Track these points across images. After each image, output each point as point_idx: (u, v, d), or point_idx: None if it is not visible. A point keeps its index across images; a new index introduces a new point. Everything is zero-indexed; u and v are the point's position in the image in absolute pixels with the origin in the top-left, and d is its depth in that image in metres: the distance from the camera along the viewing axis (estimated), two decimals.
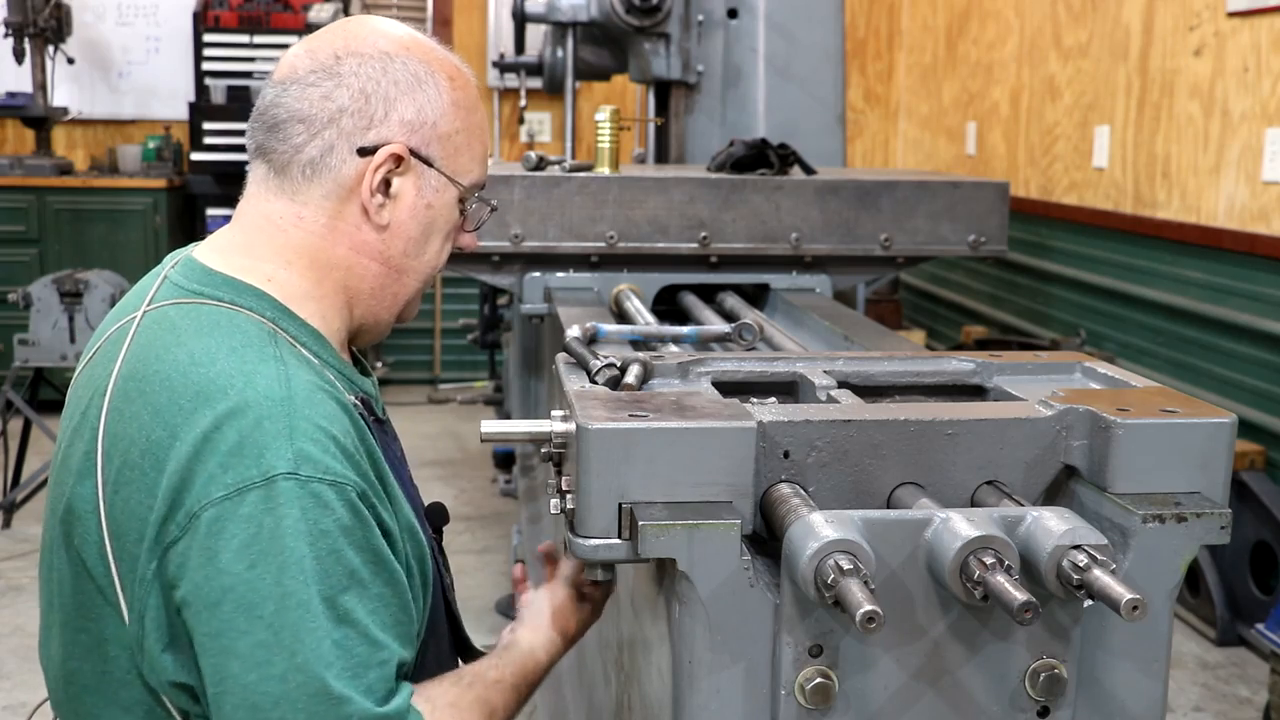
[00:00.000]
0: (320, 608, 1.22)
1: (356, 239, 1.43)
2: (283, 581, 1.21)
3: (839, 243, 2.90)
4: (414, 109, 1.42)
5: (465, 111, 1.46)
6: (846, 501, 1.39)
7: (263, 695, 1.21)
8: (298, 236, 1.42)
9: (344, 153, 1.40)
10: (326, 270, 1.43)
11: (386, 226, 1.44)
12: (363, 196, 1.41)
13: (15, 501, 5.21)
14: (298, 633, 1.21)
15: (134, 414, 1.30)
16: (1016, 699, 1.33)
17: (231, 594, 1.21)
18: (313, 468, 1.25)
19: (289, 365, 1.32)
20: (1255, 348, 4.31)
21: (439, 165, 1.45)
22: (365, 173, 1.40)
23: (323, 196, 1.42)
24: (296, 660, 1.21)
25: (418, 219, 1.46)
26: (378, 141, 1.40)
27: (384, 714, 1.24)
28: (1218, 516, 1.34)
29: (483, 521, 5.31)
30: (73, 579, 1.35)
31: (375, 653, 1.25)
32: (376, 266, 1.45)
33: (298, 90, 1.40)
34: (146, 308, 1.39)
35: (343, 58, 1.41)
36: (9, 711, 3.63)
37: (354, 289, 1.46)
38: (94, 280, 5.24)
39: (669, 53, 3.88)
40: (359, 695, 1.23)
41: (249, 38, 6.89)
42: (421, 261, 1.49)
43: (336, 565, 1.24)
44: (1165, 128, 4.82)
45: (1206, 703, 3.77)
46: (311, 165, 1.41)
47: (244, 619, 1.21)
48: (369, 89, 1.40)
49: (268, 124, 1.42)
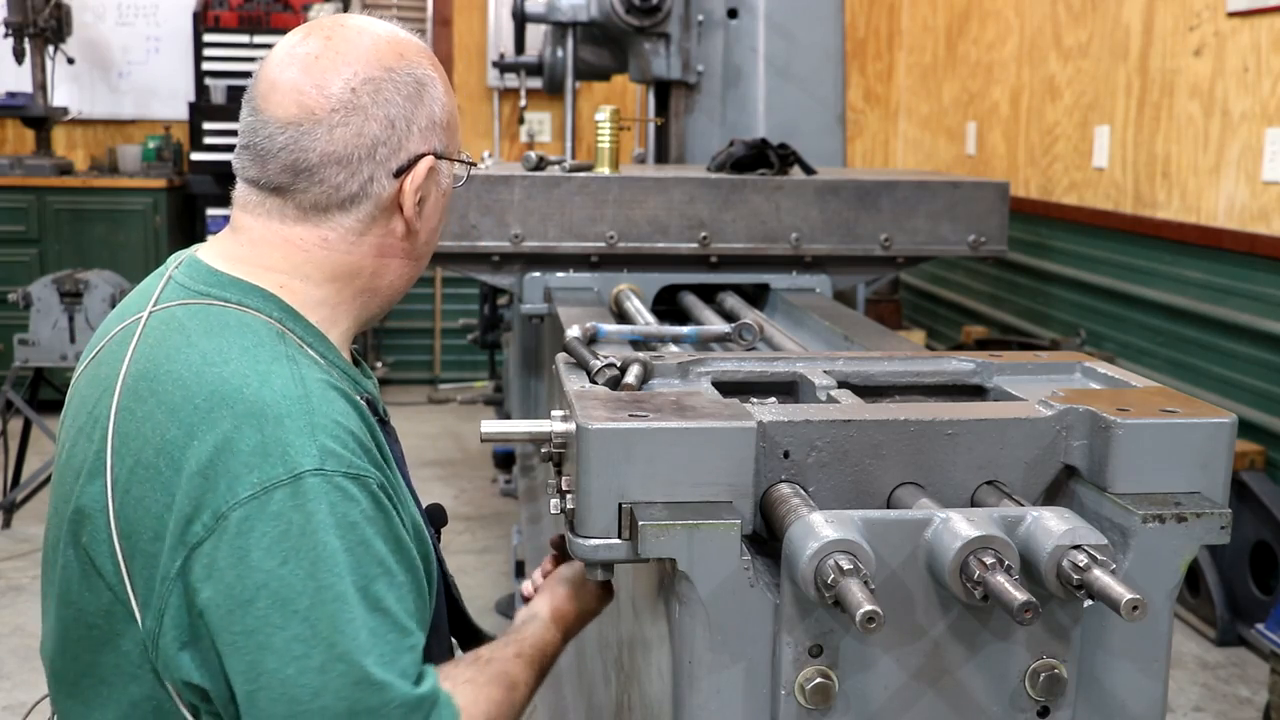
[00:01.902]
0: (355, 598, 1.24)
1: (384, 244, 1.46)
2: (316, 575, 1.23)
3: (839, 243, 2.90)
4: (426, 115, 1.44)
5: (447, 93, 1.49)
6: (846, 501, 1.39)
7: (301, 688, 1.22)
8: (320, 255, 1.43)
9: (382, 180, 1.42)
10: (348, 280, 1.45)
11: (419, 226, 1.47)
12: (407, 212, 1.44)
13: (15, 501, 5.21)
14: (335, 623, 1.23)
15: (146, 413, 1.31)
16: (1016, 699, 1.34)
17: (265, 590, 1.23)
18: (336, 462, 1.27)
19: (300, 364, 1.34)
20: (1255, 348, 4.31)
21: (449, 154, 1.49)
22: (403, 190, 1.43)
23: (356, 220, 1.43)
24: (336, 650, 1.22)
25: (438, 208, 1.51)
26: (408, 158, 1.42)
27: (421, 695, 1.26)
28: (1218, 516, 1.34)
29: (483, 521, 5.31)
30: (82, 577, 1.36)
31: (405, 638, 1.28)
32: (399, 261, 1.48)
33: (325, 133, 1.38)
34: (153, 308, 1.40)
35: (357, 88, 1.39)
36: (9, 711, 3.63)
37: (374, 287, 1.48)
38: (94, 280, 5.24)
39: (669, 53, 3.88)
40: (397, 679, 1.25)
41: (249, 38, 6.89)
42: (435, 240, 1.54)
43: (366, 555, 1.26)
44: (1165, 128, 4.82)
45: (1206, 703, 3.77)
46: (352, 199, 1.42)
47: (279, 615, 1.23)
48: (393, 114, 1.41)
49: (294, 168, 1.39)
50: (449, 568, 1.57)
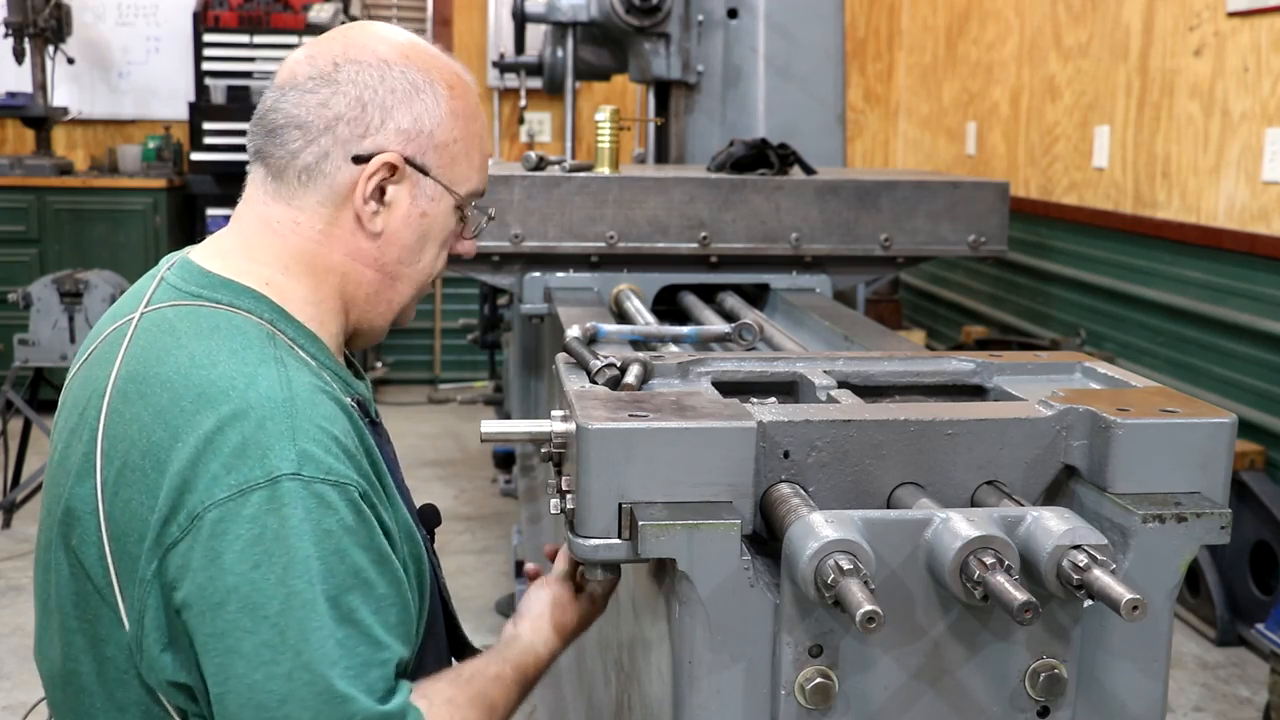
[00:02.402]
0: (325, 607, 1.23)
1: (352, 245, 1.44)
2: (287, 581, 1.22)
3: (839, 243, 2.90)
4: (410, 118, 1.42)
5: (464, 120, 1.47)
6: (846, 501, 1.39)
7: (268, 694, 1.21)
8: (295, 241, 1.43)
9: (339, 160, 1.41)
10: (323, 275, 1.45)
11: (380, 234, 1.45)
12: (356, 204, 1.42)
13: (15, 501, 5.21)
14: (303, 632, 1.22)
15: (134, 415, 1.31)
16: (1016, 699, 1.33)
17: (236, 594, 1.22)
18: (316, 468, 1.26)
19: (289, 367, 1.33)
20: (1255, 348, 4.31)
21: (435, 174, 1.45)
22: (359, 180, 1.41)
23: (318, 203, 1.43)
24: (302, 659, 1.22)
25: (412, 227, 1.46)
26: (373, 150, 1.41)
27: (385, 712, 1.25)
28: (1218, 516, 1.34)
29: (483, 521, 5.31)
30: (71, 579, 1.36)
31: (377, 652, 1.26)
32: (371, 273, 1.46)
33: (296, 96, 1.41)
34: (144, 309, 1.40)
35: (341, 65, 1.41)
36: (8, 711, 3.63)
37: (349, 295, 1.47)
38: (94, 280, 5.24)
39: (669, 53, 3.88)
40: (361, 694, 1.24)
41: (249, 38, 6.89)
42: (416, 269, 1.50)
43: (340, 565, 1.25)
44: (1165, 128, 4.82)
45: (1206, 703, 3.77)
46: (307, 171, 1.42)
47: (249, 619, 1.22)
48: (366, 97, 1.41)
49: (267, 128, 1.43)
50: (447, 568, 1.57)
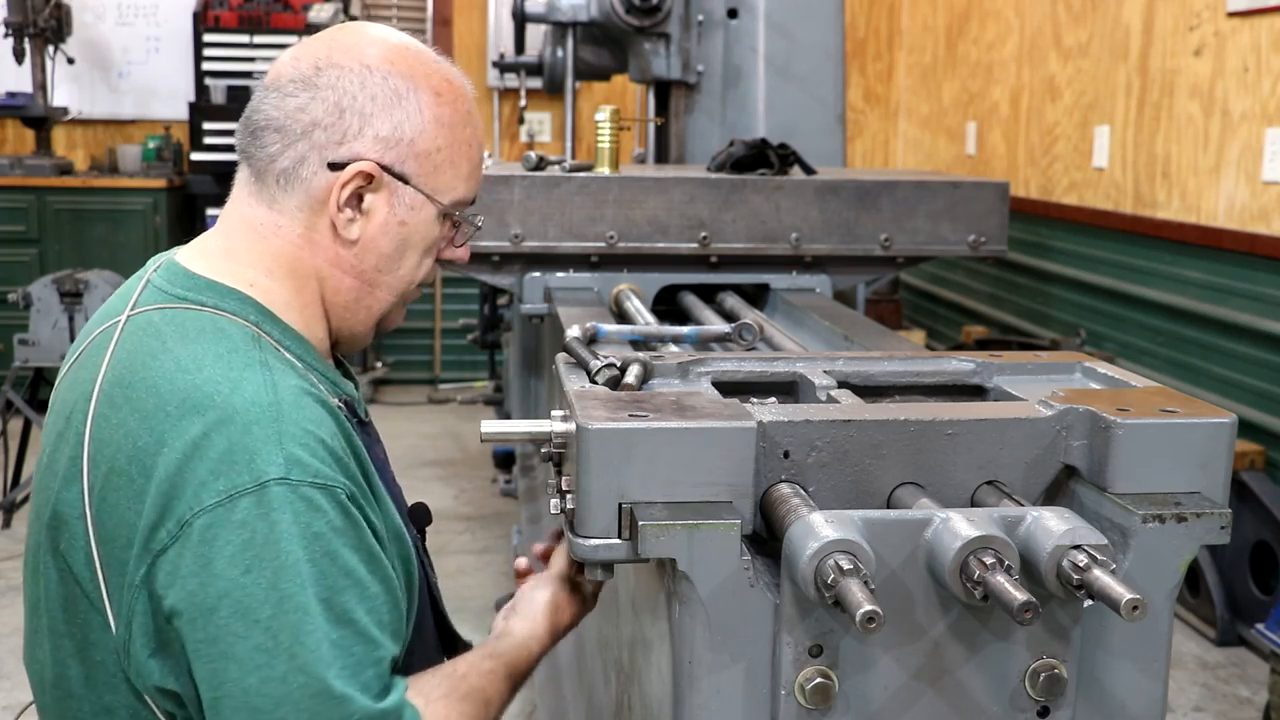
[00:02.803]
0: (317, 609, 1.23)
1: (331, 252, 1.44)
2: (279, 585, 1.22)
3: (839, 243, 2.90)
4: (390, 125, 1.41)
5: (450, 128, 1.45)
6: (846, 501, 1.39)
7: (264, 698, 1.22)
8: (276, 244, 1.43)
9: (315, 165, 1.40)
10: (304, 280, 1.44)
11: (356, 241, 1.44)
12: (330, 211, 1.42)
13: (15, 501, 5.21)
14: (297, 635, 1.22)
15: (120, 420, 1.30)
16: (1016, 699, 1.33)
17: (227, 599, 1.22)
18: (303, 472, 1.26)
19: (274, 370, 1.33)
20: (1255, 348, 4.31)
21: (416, 183, 1.44)
22: (334, 187, 1.41)
23: (296, 208, 1.42)
24: (297, 662, 1.22)
25: (390, 235, 1.45)
26: (349, 157, 1.40)
27: (383, 709, 1.25)
28: (1218, 516, 1.34)
29: (483, 521, 5.31)
30: (59, 583, 1.35)
31: (371, 650, 1.27)
32: (350, 280, 1.46)
33: (276, 98, 1.41)
34: (130, 312, 1.39)
35: (323, 69, 1.40)
36: (8, 711, 3.63)
37: (329, 301, 1.47)
38: (94, 280, 5.24)
39: (669, 53, 3.88)
40: (358, 693, 1.24)
41: (249, 38, 6.89)
42: (396, 276, 1.48)
43: (331, 566, 1.25)
44: (1165, 128, 4.81)
45: (1206, 703, 3.77)
46: (285, 175, 1.41)
47: (241, 624, 1.22)
48: (344, 103, 1.39)
49: (250, 129, 1.43)
50: (447, 568, 1.57)
